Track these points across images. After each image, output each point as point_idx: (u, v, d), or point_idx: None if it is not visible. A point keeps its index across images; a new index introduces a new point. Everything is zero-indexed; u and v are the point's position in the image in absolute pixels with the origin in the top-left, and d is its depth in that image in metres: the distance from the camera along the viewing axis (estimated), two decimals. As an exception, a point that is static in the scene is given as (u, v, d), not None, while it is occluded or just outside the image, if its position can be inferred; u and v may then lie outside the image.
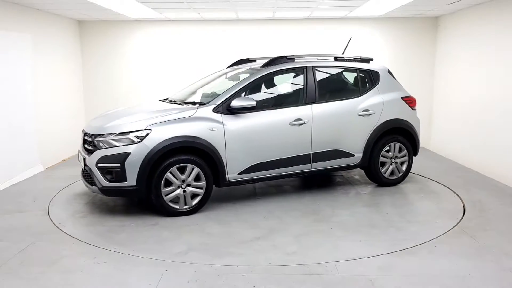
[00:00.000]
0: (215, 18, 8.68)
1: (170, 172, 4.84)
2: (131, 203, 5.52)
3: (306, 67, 5.63)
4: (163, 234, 4.50)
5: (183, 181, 4.91)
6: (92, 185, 5.00)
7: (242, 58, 6.64)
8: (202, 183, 4.99)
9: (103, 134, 4.88)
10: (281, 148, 5.33)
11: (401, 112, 5.99)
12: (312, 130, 5.44)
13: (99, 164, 4.80)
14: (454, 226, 4.59)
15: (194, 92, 5.91)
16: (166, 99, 5.98)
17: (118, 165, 4.71)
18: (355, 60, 6.00)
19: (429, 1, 6.84)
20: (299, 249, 4.05)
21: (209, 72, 8.06)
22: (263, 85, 5.87)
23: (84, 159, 5.03)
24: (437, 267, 3.67)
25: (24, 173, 6.66)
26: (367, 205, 5.30)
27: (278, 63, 5.57)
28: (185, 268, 3.68)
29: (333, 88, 5.97)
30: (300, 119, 5.37)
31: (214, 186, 5.15)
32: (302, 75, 5.62)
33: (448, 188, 6.00)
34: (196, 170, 4.93)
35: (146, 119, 4.93)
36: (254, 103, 5.10)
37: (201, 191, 5.01)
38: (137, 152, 4.71)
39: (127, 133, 4.80)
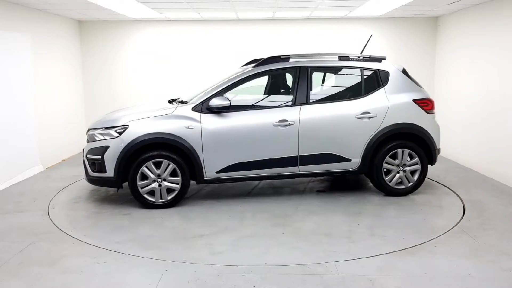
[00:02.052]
0: (215, 18, 8.68)
1: (146, 167, 5.09)
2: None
3: (300, 67, 5.45)
4: (123, 223, 4.81)
5: (159, 175, 5.12)
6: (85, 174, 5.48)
7: (256, 58, 6.48)
8: (178, 178, 5.15)
9: (95, 129, 5.33)
10: (264, 149, 5.24)
11: (412, 116, 5.46)
12: (299, 132, 5.25)
13: (87, 156, 5.28)
14: (454, 226, 4.59)
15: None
16: (176, 99, 5.87)
17: (99, 157, 5.12)
18: (364, 59, 5.64)
19: (429, 1, 6.84)
20: (227, 250, 4.04)
21: (210, 72, 8.09)
22: (250, 85, 5.73)
23: (83, 151, 5.50)
24: (437, 267, 3.67)
25: (24, 173, 6.66)
26: (347, 214, 5.00)
27: (270, 63, 5.49)
28: (185, 268, 3.68)
29: (330, 89, 5.81)
30: (285, 120, 5.23)
31: (196, 182, 5.33)
32: (295, 75, 5.48)
33: (448, 188, 6.00)
34: (172, 166, 5.12)
35: (128, 116, 5.28)
36: (228, 103, 5.13)
37: (177, 186, 5.18)
38: (115, 146, 5.07)
39: (110, 128, 5.19)
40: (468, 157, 7.26)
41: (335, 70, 5.78)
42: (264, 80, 5.96)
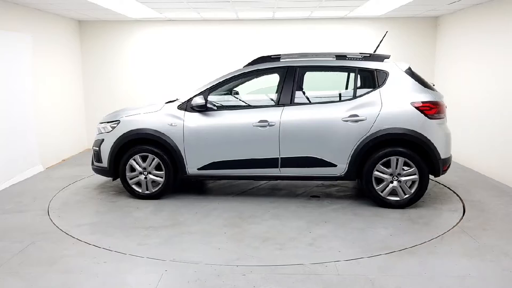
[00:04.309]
0: (215, 18, 8.68)
1: (134, 160, 5.44)
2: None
3: (287, 67, 5.29)
4: (101, 209, 5.29)
5: (145, 168, 5.44)
6: None
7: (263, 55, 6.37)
8: (162, 172, 5.42)
9: (101, 122, 5.75)
10: (243, 149, 5.22)
11: (409, 121, 4.95)
12: (280, 133, 5.12)
13: (93, 146, 5.78)
14: (454, 226, 4.59)
15: None
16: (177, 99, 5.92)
17: (97, 148, 5.62)
18: (364, 58, 5.29)
19: (429, 1, 6.84)
20: (153, 243, 4.22)
21: (210, 72, 8.06)
22: (236, 85, 5.76)
23: None
24: (437, 267, 3.67)
25: (24, 173, 6.66)
26: (312, 221, 4.76)
27: (259, 63, 5.44)
28: (185, 268, 3.68)
29: (319, 90, 5.63)
30: (265, 121, 5.13)
31: (179, 177, 5.52)
32: (282, 75, 5.34)
33: (448, 188, 5.99)
34: (156, 160, 5.41)
35: (123, 112, 5.70)
36: (203, 102, 5.22)
37: (161, 180, 5.44)
38: (108, 139, 5.51)
39: (108, 122, 5.62)
40: (468, 157, 7.26)
41: (327, 70, 5.53)
42: (270, 79, 5.84)
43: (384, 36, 5.94)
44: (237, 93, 5.89)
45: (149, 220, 4.88)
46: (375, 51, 5.71)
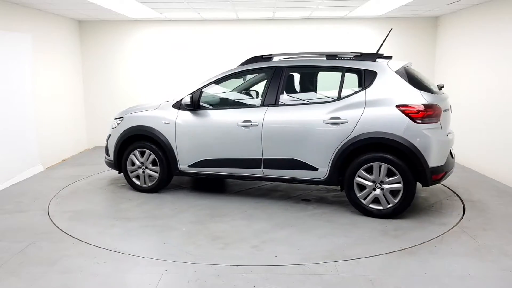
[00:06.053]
0: (215, 18, 8.68)
1: (134, 154, 5.76)
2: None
3: (275, 67, 5.21)
4: (97, 198, 5.72)
5: (143, 163, 5.73)
6: None
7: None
8: (158, 168, 5.66)
9: (114, 118, 6.08)
10: (228, 148, 5.26)
11: (392, 125, 4.59)
12: (262, 134, 5.06)
13: (105, 141, 6.14)
14: (454, 226, 4.59)
15: None
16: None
17: (106, 143, 6.05)
18: (355, 58, 5.01)
19: (429, 1, 6.84)
20: (114, 233, 4.46)
21: (210, 72, 8.04)
22: (227, 84, 5.77)
23: None
24: (437, 267, 3.68)
25: (24, 173, 6.66)
26: (277, 224, 4.66)
27: (251, 63, 5.42)
28: (185, 268, 3.68)
29: (305, 91, 5.49)
30: (248, 121, 5.11)
31: (172, 173, 5.73)
32: (269, 75, 5.25)
33: (448, 187, 5.99)
34: (153, 156, 5.66)
35: (129, 109, 6.05)
36: (189, 101, 5.37)
37: (157, 175, 5.70)
38: (114, 135, 5.90)
39: (116, 118, 6.02)
40: (468, 157, 7.26)
41: (314, 70, 5.40)
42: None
43: (388, 34, 5.74)
44: (249, 93, 5.98)
45: (129, 211, 5.14)
46: (378, 50, 5.53)
